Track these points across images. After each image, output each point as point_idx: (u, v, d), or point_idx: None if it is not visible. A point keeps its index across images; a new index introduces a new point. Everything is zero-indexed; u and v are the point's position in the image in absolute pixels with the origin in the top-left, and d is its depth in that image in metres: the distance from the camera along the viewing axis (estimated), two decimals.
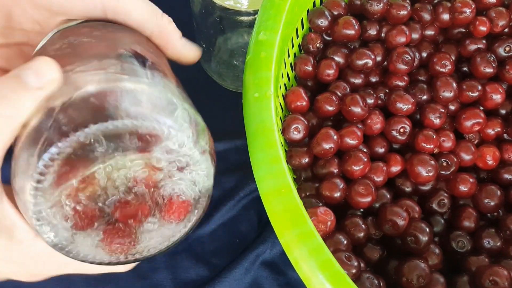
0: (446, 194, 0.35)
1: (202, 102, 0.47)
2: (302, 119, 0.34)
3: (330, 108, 0.35)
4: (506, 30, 0.38)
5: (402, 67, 0.36)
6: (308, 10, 0.39)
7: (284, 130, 0.33)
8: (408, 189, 0.35)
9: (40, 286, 0.39)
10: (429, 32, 0.39)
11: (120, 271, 0.29)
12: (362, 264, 0.31)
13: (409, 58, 0.36)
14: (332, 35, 0.38)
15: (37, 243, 0.26)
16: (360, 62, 0.37)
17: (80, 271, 0.28)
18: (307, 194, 0.33)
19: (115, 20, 0.28)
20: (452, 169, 0.34)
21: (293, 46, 0.38)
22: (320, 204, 0.32)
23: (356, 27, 0.37)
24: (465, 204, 0.35)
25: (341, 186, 0.33)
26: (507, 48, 0.37)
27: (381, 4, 0.37)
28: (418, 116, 0.37)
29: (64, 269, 0.28)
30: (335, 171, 0.34)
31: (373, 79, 0.39)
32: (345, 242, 0.30)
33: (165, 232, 0.26)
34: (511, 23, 0.38)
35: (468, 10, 0.37)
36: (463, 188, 0.34)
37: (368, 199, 0.32)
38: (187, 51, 0.30)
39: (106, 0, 0.28)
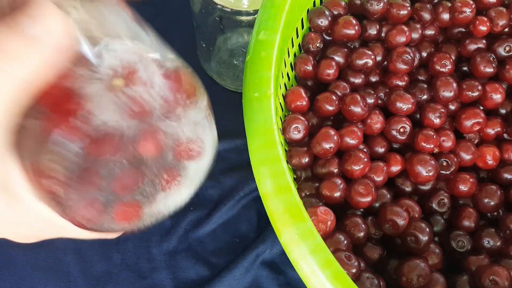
0: (446, 194, 0.35)
1: None
2: (302, 118, 0.34)
3: (330, 108, 0.35)
4: (506, 29, 0.38)
5: (402, 66, 0.36)
6: (308, 10, 0.39)
7: (284, 130, 0.33)
8: (408, 188, 0.35)
9: (40, 286, 0.39)
10: (429, 32, 0.39)
11: (111, 237, 0.28)
12: (362, 264, 0.31)
13: (409, 57, 0.36)
14: (332, 35, 0.38)
15: (36, 204, 0.24)
16: (360, 62, 0.37)
17: (73, 236, 0.27)
18: (307, 193, 0.33)
19: None
20: (452, 169, 0.34)
21: (293, 46, 0.38)
22: (320, 203, 0.32)
23: (356, 26, 0.37)
24: (465, 204, 0.35)
25: (341, 185, 0.33)
26: (507, 48, 0.37)
27: (381, 4, 0.37)
28: (418, 116, 0.37)
29: (58, 233, 0.26)
30: (335, 170, 0.34)
31: (373, 79, 0.39)
32: (345, 241, 0.30)
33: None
34: (511, 23, 0.38)
35: (468, 10, 0.37)
36: (463, 188, 0.34)
37: (368, 199, 0.32)
38: None
39: None
